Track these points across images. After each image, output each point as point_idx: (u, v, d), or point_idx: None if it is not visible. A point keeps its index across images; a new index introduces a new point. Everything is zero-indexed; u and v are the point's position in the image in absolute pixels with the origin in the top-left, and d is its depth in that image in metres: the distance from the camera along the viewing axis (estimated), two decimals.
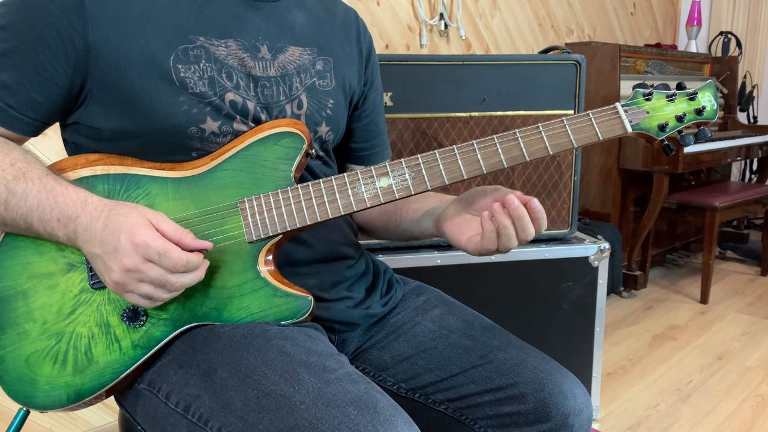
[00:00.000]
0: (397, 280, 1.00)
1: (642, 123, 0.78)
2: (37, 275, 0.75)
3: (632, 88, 0.81)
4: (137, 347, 0.76)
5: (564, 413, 0.80)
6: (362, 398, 0.67)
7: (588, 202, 2.74)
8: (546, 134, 0.77)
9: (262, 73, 0.81)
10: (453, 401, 0.85)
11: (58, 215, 0.70)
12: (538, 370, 0.82)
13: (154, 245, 0.67)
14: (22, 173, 0.71)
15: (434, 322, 0.91)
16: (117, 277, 0.68)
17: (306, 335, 0.77)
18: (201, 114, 0.76)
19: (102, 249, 0.68)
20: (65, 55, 0.72)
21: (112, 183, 0.76)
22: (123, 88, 0.73)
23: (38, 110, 0.74)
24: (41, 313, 0.75)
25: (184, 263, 0.68)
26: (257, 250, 0.78)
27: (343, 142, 0.99)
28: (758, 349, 2.25)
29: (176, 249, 0.68)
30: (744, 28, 3.70)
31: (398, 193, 0.78)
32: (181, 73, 0.75)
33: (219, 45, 0.78)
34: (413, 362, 0.88)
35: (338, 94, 0.90)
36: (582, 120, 0.78)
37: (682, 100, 0.79)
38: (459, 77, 1.52)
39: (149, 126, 0.75)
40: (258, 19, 0.82)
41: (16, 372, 0.75)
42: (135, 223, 0.67)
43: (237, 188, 0.77)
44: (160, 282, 0.68)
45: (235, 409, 0.68)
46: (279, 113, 0.82)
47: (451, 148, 0.78)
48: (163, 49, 0.75)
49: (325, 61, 0.88)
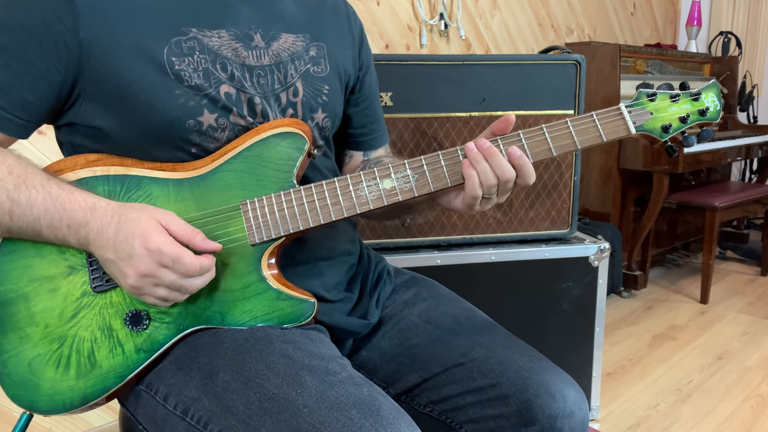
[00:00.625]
0: (389, 272, 0.98)
1: (646, 124, 0.78)
2: (38, 278, 0.75)
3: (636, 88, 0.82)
4: (140, 351, 0.76)
5: (550, 415, 0.76)
6: (365, 401, 0.66)
7: (588, 202, 2.74)
8: (550, 136, 0.77)
9: (256, 62, 0.80)
10: (437, 403, 0.84)
11: (68, 222, 0.70)
12: (522, 369, 0.79)
13: (167, 251, 0.67)
14: (23, 181, 0.70)
15: (420, 317, 0.90)
16: (133, 282, 0.68)
17: (308, 338, 0.77)
18: (198, 107, 0.75)
19: (116, 255, 0.68)
20: (56, 53, 0.71)
21: (112, 184, 0.76)
22: (117, 84, 0.72)
23: (30, 111, 0.73)
24: (43, 317, 0.75)
25: (198, 269, 0.69)
26: (260, 253, 0.77)
27: (342, 128, 0.98)
28: (758, 349, 2.25)
29: (189, 254, 0.68)
30: (744, 28, 3.69)
31: (401, 194, 0.78)
32: (175, 66, 0.74)
33: (212, 36, 0.77)
34: (398, 361, 0.87)
35: (333, 80, 0.89)
36: (586, 121, 0.77)
37: (686, 100, 0.79)
38: (459, 77, 1.52)
39: (147, 121, 0.74)
40: (249, 8, 0.81)
41: (19, 376, 0.75)
42: (147, 228, 0.68)
43: (239, 189, 0.77)
44: (175, 286, 0.69)
45: (236, 413, 0.68)
46: (275, 102, 0.82)
47: (454, 149, 0.77)
48: (156, 42, 0.74)
49: (319, 47, 0.87)
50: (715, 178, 3.28)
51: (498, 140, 0.77)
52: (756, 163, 3.49)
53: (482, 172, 0.75)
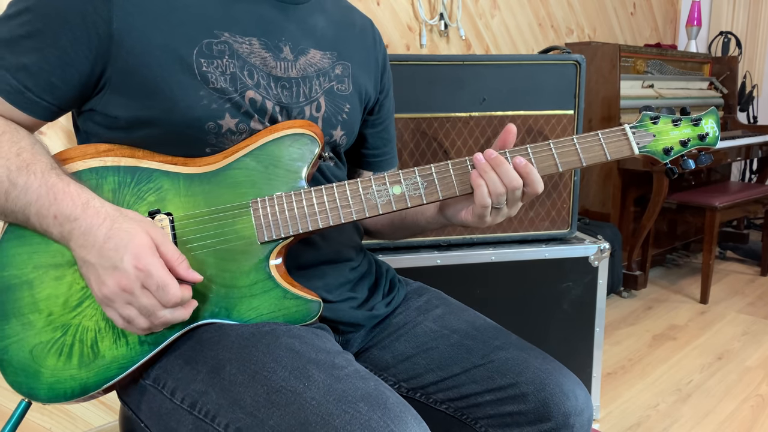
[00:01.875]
0: (399, 280, 1.00)
1: (648, 146, 0.82)
2: (44, 265, 0.75)
3: (639, 111, 0.85)
4: (144, 343, 0.76)
5: (565, 413, 0.80)
6: (372, 394, 0.67)
7: (588, 202, 2.74)
8: (557, 152, 0.80)
9: (283, 73, 0.81)
10: (454, 401, 0.86)
11: (55, 212, 0.69)
12: (539, 370, 0.83)
13: (156, 275, 0.67)
14: (26, 165, 0.70)
15: (435, 322, 0.92)
16: (108, 292, 0.68)
17: (314, 334, 0.77)
18: (220, 110, 0.76)
19: (99, 261, 0.68)
20: (88, 41, 0.72)
21: (123, 175, 0.76)
22: (143, 78, 0.73)
23: (56, 94, 0.74)
24: (47, 305, 0.74)
25: (178, 299, 0.69)
26: (268, 251, 0.78)
27: (356, 147, 1.00)
28: (758, 349, 2.25)
29: (175, 285, 0.68)
30: (744, 28, 3.70)
31: (410, 201, 0.80)
32: (203, 67, 0.75)
33: (243, 42, 0.78)
34: (414, 362, 0.88)
35: (354, 100, 0.90)
36: (591, 140, 0.81)
37: (687, 125, 0.82)
38: (459, 77, 1.52)
39: (167, 118, 0.75)
40: (282, 20, 0.83)
41: (20, 363, 0.75)
42: (141, 245, 0.68)
43: (250, 187, 0.78)
44: (146, 311, 0.69)
45: (244, 405, 0.68)
46: (297, 114, 0.83)
47: (463, 159, 0.80)
48: (187, 41, 0.75)
49: (344, 66, 0.89)
50: (715, 178, 3.28)
51: (506, 152, 0.79)
52: (756, 163, 3.49)
53: (490, 181, 0.78)
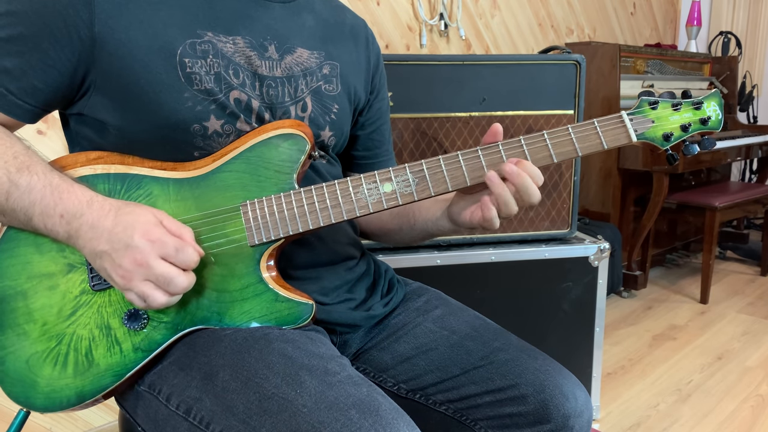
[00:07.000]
0: (398, 280, 0.99)
1: (647, 132, 0.78)
2: (37, 275, 0.75)
3: (638, 95, 0.80)
4: (138, 350, 0.76)
5: (565, 414, 0.80)
6: (364, 401, 0.66)
7: (588, 202, 2.74)
8: (551, 142, 0.77)
9: (268, 72, 0.81)
10: (453, 402, 0.85)
11: (61, 211, 0.69)
12: (539, 372, 0.82)
13: (170, 242, 0.68)
14: (26, 166, 0.70)
15: (435, 323, 0.91)
16: (124, 272, 0.68)
17: (308, 338, 0.77)
18: (205, 111, 0.76)
19: (110, 245, 0.68)
20: (70, 45, 0.72)
21: (112, 182, 0.76)
22: (127, 80, 0.73)
23: (38, 97, 0.74)
24: (41, 314, 0.75)
25: (197, 261, 0.70)
26: (259, 254, 0.77)
27: (346, 149, 0.98)
28: (758, 349, 2.25)
29: (191, 245, 0.70)
30: (744, 28, 3.69)
31: (401, 198, 0.78)
32: (187, 68, 0.75)
33: (227, 41, 0.78)
34: (414, 363, 0.88)
35: (343, 100, 0.89)
36: (587, 128, 0.77)
37: (688, 109, 0.78)
38: (459, 77, 1.52)
39: (152, 120, 0.74)
40: (267, 18, 0.82)
41: (17, 373, 0.75)
42: (147, 221, 0.69)
43: (240, 190, 0.77)
44: (165, 280, 0.68)
45: (236, 412, 0.68)
46: (283, 114, 0.82)
47: (455, 154, 0.77)
48: (171, 42, 0.74)
49: (332, 66, 0.88)
50: (715, 178, 3.28)
51: (499, 145, 0.77)
52: (756, 163, 3.49)
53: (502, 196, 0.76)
